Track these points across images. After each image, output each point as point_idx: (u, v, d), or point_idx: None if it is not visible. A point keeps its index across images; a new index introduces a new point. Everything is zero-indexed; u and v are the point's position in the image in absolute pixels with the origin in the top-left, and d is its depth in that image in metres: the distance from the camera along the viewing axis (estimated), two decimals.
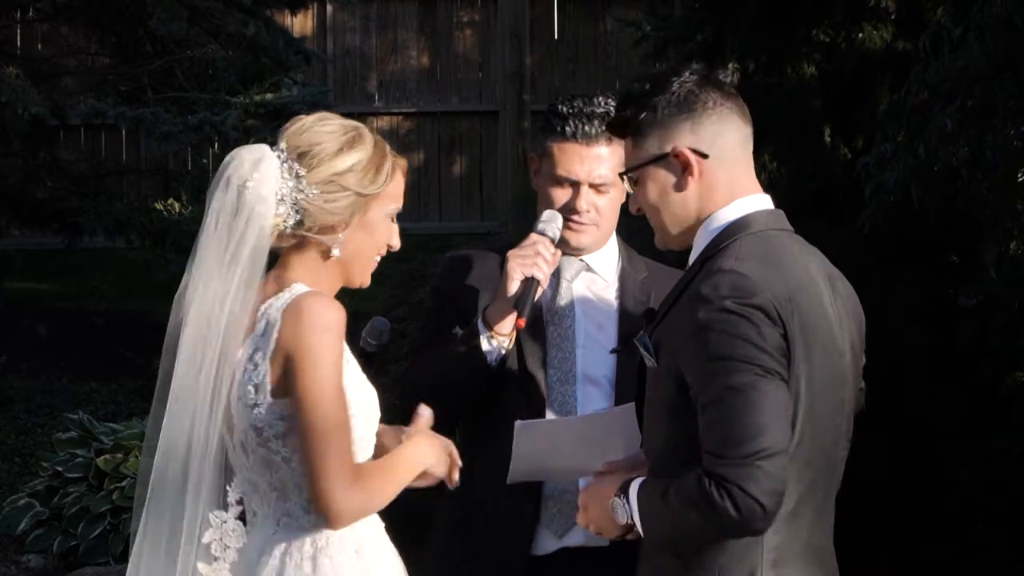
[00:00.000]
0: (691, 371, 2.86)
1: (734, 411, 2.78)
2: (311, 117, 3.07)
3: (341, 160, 3.01)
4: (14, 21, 10.68)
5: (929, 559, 5.89)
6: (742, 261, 2.90)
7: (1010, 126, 4.80)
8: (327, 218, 3.01)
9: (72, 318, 10.15)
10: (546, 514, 3.61)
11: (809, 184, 6.73)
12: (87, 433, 7.18)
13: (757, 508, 2.75)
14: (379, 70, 13.05)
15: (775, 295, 2.86)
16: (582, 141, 3.60)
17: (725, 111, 3.05)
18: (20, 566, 6.93)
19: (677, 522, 2.86)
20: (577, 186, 3.62)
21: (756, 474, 2.75)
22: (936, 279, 6.29)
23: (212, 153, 9.45)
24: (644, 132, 3.04)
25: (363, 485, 2.96)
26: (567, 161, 3.61)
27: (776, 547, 2.91)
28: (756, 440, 2.75)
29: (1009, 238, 5.26)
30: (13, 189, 9.87)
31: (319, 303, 2.96)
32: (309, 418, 2.92)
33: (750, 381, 2.79)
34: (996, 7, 4.66)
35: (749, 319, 2.82)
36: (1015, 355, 5.65)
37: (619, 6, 12.46)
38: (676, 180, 3.02)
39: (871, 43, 6.88)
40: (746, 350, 2.80)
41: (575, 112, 3.62)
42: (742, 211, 3.02)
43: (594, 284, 3.72)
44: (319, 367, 2.92)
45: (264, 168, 2.98)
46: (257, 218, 2.97)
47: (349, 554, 3.04)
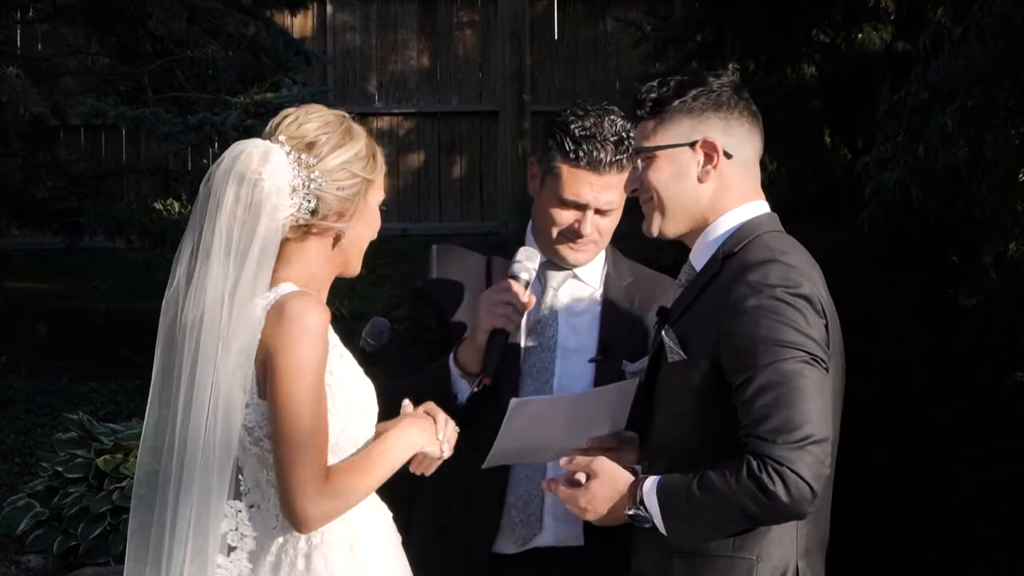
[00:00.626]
0: (735, 358, 2.91)
1: (784, 397, 2.84)
2: (299, 110, 3.10)
3: (347, 147, 3.06)
4: (14, 21, 10.68)
5: (929, 559, 5.89)
6: (784, 253, 2.99)
7: (1010, 126, 4.80)
8: (340, 204, 3.04)
9: (72, 318, 10.14)
10: (507, 523, 3.60)
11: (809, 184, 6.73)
12: (87, 433, 7.17)
13: (807, 491, 2.82)
14: (379, 70, 13.04)
15: (817, 287, 2.96)
16: (595, 169, 3.54)
17: (752, 124, 3.14)
18: (20, 566, 6.93)
19: (717, 513, 2.89)
20: (584, 209, 3.57)
21: (807, 458, 2.82)
22: (936, 279, 6.29)
23: (212, 153, 9.44)
24: (675, 116, 3.10)
25: (332, 490, 2.96)
26: (577, 186, 3.55)
27: (806, 536, 3.00)
28: (806, 426, 2.83)
29: (1009, 238, 5.27)
30: (13, 189, 9.87)
31: (302, 304, 2.96)
32: (280, 424, 2.93)
33: (798, 368, 2.87)
34: (996, 6, 4.65)
35: (798, 308, 2.90)
36: (1015, 355, 5.65)
37: (619, 6, 12.46)
38: (697, 170, 3.08)
39: (871, 43, 6.88)
40: (795, 337, 2.88)
41: (588, 136, 3.53)
42: (751, 213, 3.10)
43: (579, 291, 3.69)
44: (295, 371, 2.93)
45: (275, 160, 3.00)
46: (273, 210, 2.98)
47: (343, 551, 3.04)
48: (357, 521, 3.07)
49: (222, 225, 2.98)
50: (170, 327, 3.03)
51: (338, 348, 3.06)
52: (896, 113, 5.09)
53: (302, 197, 3.01)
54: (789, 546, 2.97)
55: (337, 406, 3.03)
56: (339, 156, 3.04)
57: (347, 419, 3.04)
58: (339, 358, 3.05)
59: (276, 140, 3.04)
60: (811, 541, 3.01)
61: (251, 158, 3.00)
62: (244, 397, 2.97)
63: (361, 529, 3.08)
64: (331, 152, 3.04)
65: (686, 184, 3.09)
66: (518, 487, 3.60)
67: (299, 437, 2.92)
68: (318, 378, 2.96)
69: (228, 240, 2.98)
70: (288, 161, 3.02)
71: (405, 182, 12.78)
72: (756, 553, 2.95)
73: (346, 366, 3.07)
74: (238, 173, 2.99)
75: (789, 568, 2.97)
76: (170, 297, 3.03)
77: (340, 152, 3.05)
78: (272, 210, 2.98)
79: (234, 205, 2.98)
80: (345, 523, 3.05)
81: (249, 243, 2.97)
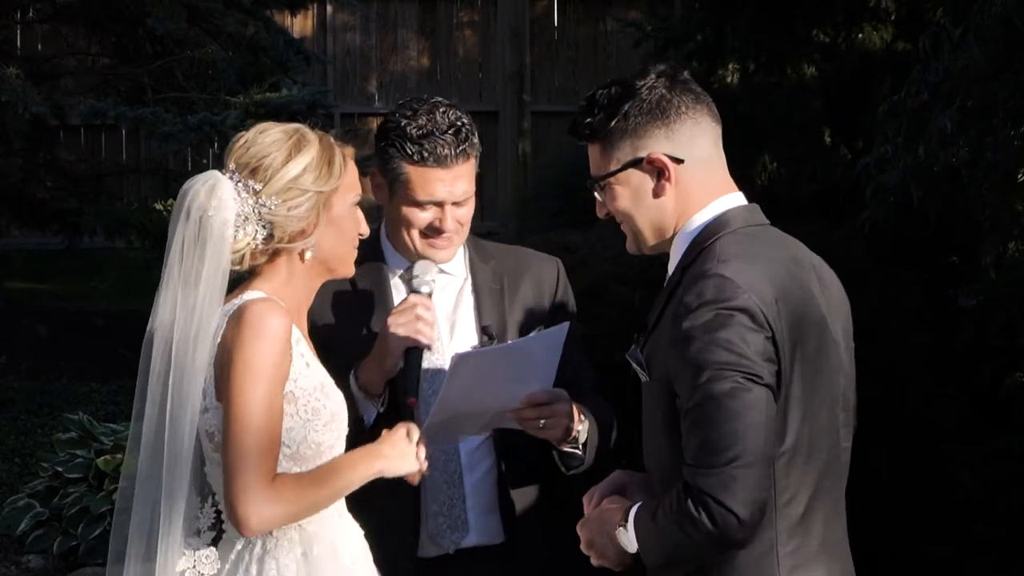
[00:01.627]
0: (678, 381, 2.84)
1: (711, 420, 2.75)
2: (251, 131, 3.09)
3: (293, 165, 3.02)
4: (14, 21, 10.67)
5: (929, 559, 5.89)
6: (725, 263, 2.87)
7: (1010, 127, 4.80)
8: (295, 224, 3.02)
9: (72, 318, 10.14)
10: (436, 530, 3.57)
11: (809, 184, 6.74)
12: (87, 433, 7.17)
13: (732, 519, 2.72)
14: (379, 70, 13.04)
15: (760, 296, 2.83)
16: (441, 165, 3.50)
17: (697, 115, 3.01)
18: (20, 566, 6.92)
19: (667, 541, 2.83)
20: (441, 206, 3.54)
21: (731, 484, 2.71)
22: (936, 279, 6.29)
23: (212, 153, 9.44)
24: (614, 140, 3.00)
25: (276, 496, 2.95)
26: (429, 185, 3.50)
27: (792, 552, 2.89)
28: (731, 449, 2.72)
29: (1009, 238, 5.26)
30: (13, 189, 9.86)
31: (263, 309, 2.97)
32: (230, 425, 2.94)
33: (730, 389, 2.75)
34: (996, 7, 4.66)
35: (731, 325, 2.78)
36: (1015, 355, 5.64)
37: (619, 6, 12.46)
38: (652, 186, 2.99)
39: (871, 43, 6.89)
40: (727, 356, 2.77)
41: (426, 134, 3.49)
42: (718, 210, 3.00)
43: (449, 285, 3.67)
44: (249, 374, 2.93)
45: (220, 193, 2.99)
46: (220, 242, 2.98)
47: (296, 556, 3.06)
48: (315, 529, 3.08)
49: (176, 259, 3.00)
50: (147, 345, 3.07)
51: (305, 357, 3.06)
52: (896, 114, 5.09)
53: (255, 224, 3.00)
54: (769, 568, 2.87)
55: (299, 414, 3.02)
56: (285, 175, 3.01)
57: (309, 427, 3.04)
58: (305, 367, 3.05)
59: (227, 168, 3.04)
60: (801, 557, 2.89)
61: (198, 194, 3.00)
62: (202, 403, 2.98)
63: (319, 537, 3.08)
64: (276, 174, 3.01)
65: (646, 202, 2.99)
66: (439, 494, 3.57)
67: (247, 439, 2.92)
68: (272, 382, 2.95)
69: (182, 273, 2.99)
70: (234, 191, 3.00)
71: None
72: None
73: (313, 376, 3.06)
74: (186, 210, 3.00)
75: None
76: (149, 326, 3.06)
77: (286, 170, 3.01)
78: (219, 242, 2.98)
79: (182, 242, 2.99)
80: (302, 530, 3.06)
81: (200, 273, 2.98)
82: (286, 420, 3.00)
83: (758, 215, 3.04)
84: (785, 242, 3.02)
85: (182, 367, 2.97)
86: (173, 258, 3.00)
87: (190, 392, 2.97)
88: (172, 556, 2.99)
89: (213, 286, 2.98)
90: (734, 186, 3.06)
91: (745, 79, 7.14)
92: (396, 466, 3.14)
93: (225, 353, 2.96)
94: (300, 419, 3.02)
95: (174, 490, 2.97)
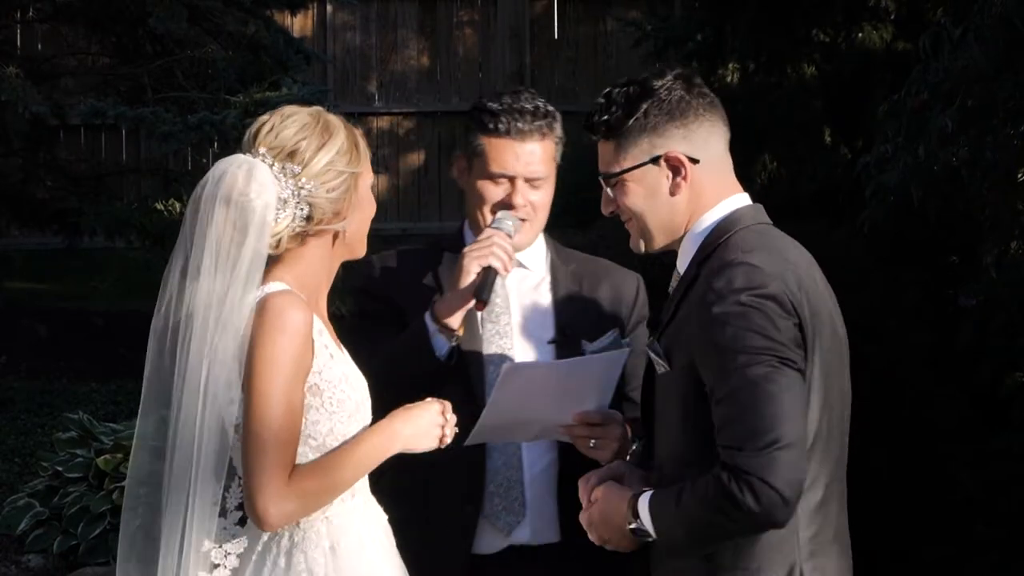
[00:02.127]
0: (707, 367, 2.87)
1: (751, 403, 2.79)
2: (273, 116, 3.07)
3: (329, 147, 3.03)
4: (14, 21, 10.67)
5: (929, 559, 5.89)
6: (750, 252, 2.92)
7: (1010, 126, 4.80)
8: (332, 205, 3.03)
9: (72, 318, 10.14)
10: (491, 511, 3.60)
11: (809, 184, 6.74)
12: (87, 433, 7.17)
13: (777, 498, 2.76)
14: (379, 70, 13.04)
15: (787, 285, 2.88)
16: (516, 137, 3.60)
17: (712, 118, 3.07)
18: (20, 566, 6.92)
19: (697, 524, 2.86)
20: (513, 181, 3.62)
21: (775, 465, 2.76)
22: (936, 279, 6.30)
23: (212, 153, 9.43)
24: (631, 137, 3.04)
25: (296, 491, 2.95)
26: (502, 157, 3.61)
27: (812, 538, 2.94)
28: (773, 431, 2.77)
29: (1009, 238, 5.26)
30: (13, 189, 9.86)
31: (284, 302, 2.97)
32: (249, 419, 2.94)
33: (766, 373, 2.80)
34: (995, 7, 4.66)
35: (763, 311, 2.84)
36: (1015, 355, 5.64)
37: (619, 6, 12.46)
38: (667, 184, 3.03)
39: (871, 43, 6.89)
40: (761, 342, 2.82)
41: (505, 109, 3.61)
42: (728, 210, 3.04)
43: (527, 279, 3.71)
44: (269, 367, 2.93)
45: (259, 177, 2.98)
46: (262, 227, 2.97)
47: (323, 550, 3.05)
48: (342, 521, 3.07)
49: (211, 246, 2.97)
50: (159, 341, 3.03)
51: (329, 349, 3.06)
52: (896, 114, 5.09)
53: (294, 207, 3.00)
54: (791, 552, 2.92)
55: (325, 406, 3.03)
56: (323, 157, 3.02)
57: (335, 420, 3.04)
58: (329, 359, 3.05)
59: (257, 152, 3.02)
60: (818, 543, 2.95)
61: (236, 179, 2.98)
62: (230, 394, 2.97)
63: (346, 529, 3.07)
64: (315, 155, 3.01)
65: (659, 200, 3.04)
66: (497, 475, 3.60)
67: (264, 433, 2.92)
68: (292, 377, 2.96)
69: (217, 259, 2.97)
70: (273, 174, 2.99)
71: (405, 182, 12.79)
72: (757, 564, 2.90)
73: (337, 367, 3.06)
74: (224, 196, 2.97)
75: (793, 573, 2.92)
76: (160, 316, 3.03)
77: (323, 153, 3.02)
78: (261, 227, 2.97)
79: (223, 227, 2.97)
80: (329, 523, 3.06)
81: (237, 259, 2.97)
82: (312, 413, 3.01)
83: (764, 215, 3.09)
84: (789, 239, 3.06)
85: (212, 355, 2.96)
86: (209, 244, 2.97)
87: (219, 380, 2.96)
88: (199, 537, 2.98)
89: (249, 272, 2.97)
90: (740, 187, 3.11)
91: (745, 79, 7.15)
92: (414, 444, 3.12)
93: (249, 347, 2.96)
94: (326, 411, 3.02)
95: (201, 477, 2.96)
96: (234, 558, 3.02)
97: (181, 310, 3.00)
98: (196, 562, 2.98)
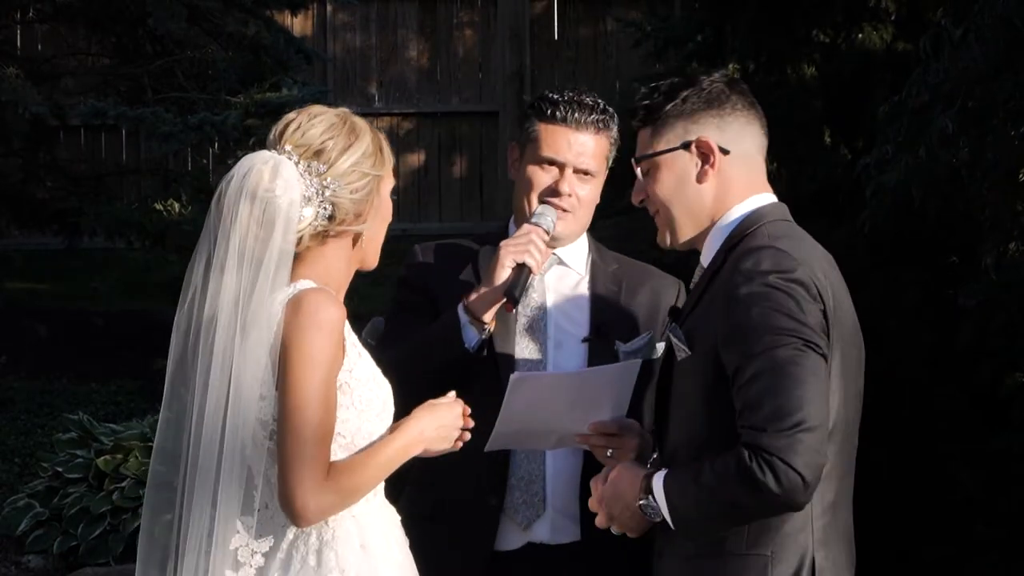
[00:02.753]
0: (731, 347, 2.89)
1: (775, 385, 2.80)
2: (300, 115, 3.09)
3: (355, 148, 3.05)
4: (14, 21, 10.66)
5: (929, 559, 5.89)
6: (778, 239, 2.96)
7: (1010, 127, 4.80)
8: (356, 206, 3.05)
9: (72, 318, 10.13)
10: (511, 504, 3.61)
11: (809, 184, 6.74)
12: (87, 434, 7.17)
13: (799, 481, 2.77)
14: (379, 70, 13.04)
15: (813, 272, 2.91)
16: (571, 125, 3.64)
17: (750, 116, 3.11)
18: (20, 567, 6.92)
19: (714, 504, 2.87)
20: (562, 168, 3.64)
21: (798, 447, 2.77)
22: (936, 279, 6.30)
23: (212, 153, 9.44)
24: (668, 121, 3.08)
25: (334, 487, 2.97)
26: (555, 143, 3.64)
27: (824, 527, 2.96)
28: (798, 413, 2.78)
29: (1009, 238, 5.26)
30: (13, 189, 9.85)
31: (319, 300, 2.98)
32: (288, 416, 2.94)
33: (791, 355, 2.82)
34: (996, 8, 4.66)
35: (791, 294, 2.86)
36: (1015, 355, 5.65)
37: (619, 6, 12.46)
38: (696, 171, 3.07)
39: (871, 44, 6.89)
40: (788, 323, 2.84)
41: (566, 100, 3.66)
42: (755, 205, 3.08)
43: (566, 277, 3.73)
44: (307, 364, 2.94)
45: (285, 174, 3.00)
46: (287, 223, 2.98)
47: (354, 548, 3.05)
48: (368, 520, 3.08)
49: (236, 242, 2.99)
50: (184, 336, 3.04)
51: (357, 347, 3.07)
52: (897, 115, 5.10)
53: (317, 206, 3.02)
54: (804, 539, 2.93)
55: (355, 404, 3.04)
56: (349, 158, 3.04)
57: (364, 418, 3.06)
58: (358, 356, 3.06)
59: (283, 150, 3.03)
60: (829, 533, 2.96)
61: (261, 175, 3.00)
62: (259, 390, 2.97)
63: (372, 528, 3.09)
64: (340, 156, 3.03)
65: (688, 188, 3.08)
66: (519, 468, 3.61)
67: (305, 430, 2.93)
68: (329, 374, 2.97)
69: (242, 255, 2.98)
70: (298, 172, 3.01)
71: (405, 182, 12.78)
72: (770, 549, 2.92)
73: (364, 365, 3.08)
74: (250, 191, 2.99)
75: (805, 562, 2.93)
76: (184, 311, 3.04)
77: (349, 154, 3.04)
78: (286, 223, 2.98)
79: (248, 223, 2.98)
80: (357, 521, 3.06)
81: (263, 255, 2.98)
82: (341, 411, 3.02)
83: (787, 213, 3.12)
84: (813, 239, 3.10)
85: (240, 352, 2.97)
86: (233, 240, 2.98)
87: (246, 376, 2.97)
88: (227, 535, 2.99)
89: (275, 268, 2.98)
90: (769, 187, 3.14)
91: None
92: (435, 445, 3.16)
93: (283, 344, 2.96)
94: (355, 409, 3.04)
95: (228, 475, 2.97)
96: (260, 557, 3.02)
97: (205, 306, 3.01)
98: (223, 561, 2.99)
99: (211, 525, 2.98)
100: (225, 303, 2.98)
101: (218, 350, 2.98)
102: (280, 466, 2.96)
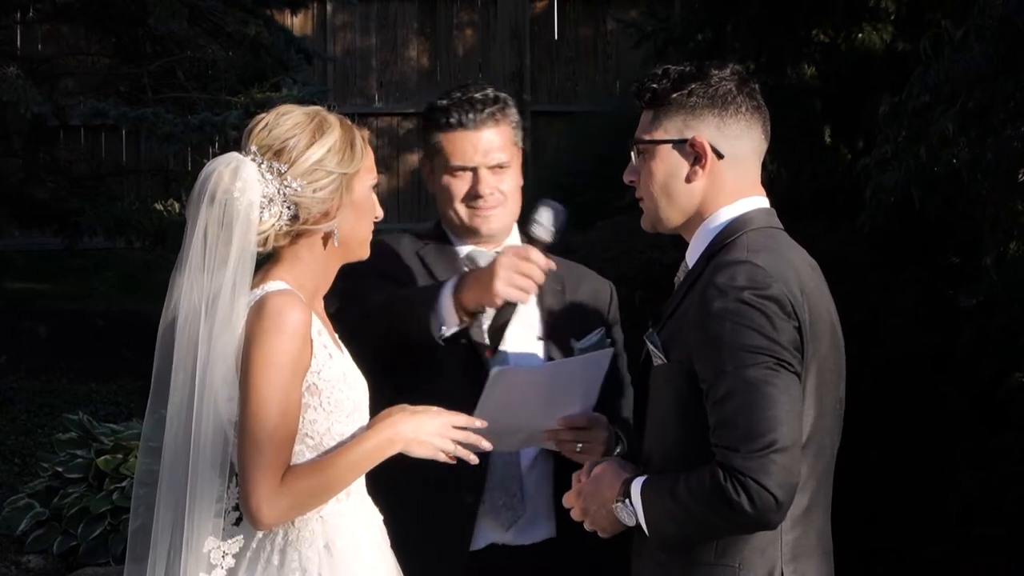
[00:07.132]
0: (703, 362, 2.88)
1: (747, 405, 2.79)
2: (271, 114, 3.08)
3: (317, 147, 3.03)
4: (14, 21, 10.66)
5: (929, 559, 5.89)
6: (756, 253, 2.93)
7: (1010, 127, 4.81)
8: (319, 206, 3.03)
9: (72, 318, 10.13)
10: (492, 506, 3.60)
11: (809, 184, 6.74)
12: (87, 434, 7.17)
13: (772, 501, 2.77)
14: (379, 70, 13.05)
15: (788, 288, 2.89)
16: (470, 127, 3.63)
17: (752, 120, 3.08)
18: (20, 566, 6.92)
19: (688, 519, 2.87)
20: (475, 172, 3.64)
21: (771, 467, 2.77)
22: (936, 279, 6.30)
23: (212, 153, 9.43)
24: (670, 110, 3.05)
25: (288, 491, 2.96)
26: (459, 150, 3.63)
27: (794, 541, 2.95)
28: (770, 434, 2.77)
29: (1009, 238, 5.27)
30: (13, 189, 9.86)
31: (282, 302, 2.97)
32: (245, 419, 2.95)
33: (764, 375, 2.81)
34: (996, 8, 4.66)
35: (764, 311, 2.84)
36: (1015, 355, 5.65)
37: (619, 6, 12.46)
38: (686, 171, 3.04)
39: (871, 43, 6.89)
40: (760, 340, 2.82)
41: (455, 102, 3.64)
42: (743, 209, 3.05)
43: None
44: (266, 368, 2.94)
45: (244, 175, 2.99)
46: (247, 225, 2.98)
47: (318, 548, 3.05)
48: (338, 521, 3.08)
49: (199, 244, 2.99)
50: (164, 334, 3.05)
51: (328, 348, 3.06)
52: (897, 115, 5.10)
53: (280, 206, 3.00)
54: (773, 553, 2.92)
55: (323, 405, 3.03)
56: (311, 156, 3.01)
57: (333, 419, 3.05)
58: (328, 358, 3.05)
59: (248, 151, 3.03)
60: (800, 547, 2.96)
61: (222, 177, 2.99)
62: (227, 391, 2.98)
63: (341, 529, 3.08)
64: (301, 155, 3.01)
65: (676, 185, 3.06)
66: (497, 470, 3.60)
67: (260, 434, 2.94)
68: (289, 377, 2.96)
69: (204, 257, 2.98)
70: (259, 172, 3.00)
71: (405, 182, 12.78)
72: (738, 560, 2.91)
73: (336, 366, 3.07)
74: (210, 194, 2.99)
75: (774, 575, 2.92)
76: (166, 312, 3.05)
77: (311, 152, 3.01)
78: (246, 224, 2.97)
79: (206, 226, 2.98)
80: (324, 522, 3.06)
81: (226, 257, 2.98)
82: (309, 412, 3.02)
83: (775, 219, 3.10)
84: (798, 246, 3.07)
85: (207, 353, 2.97)
86: (196, 242, 2.99)
87: (214, 377, 2.97)
88: (199, 537, 2.99)
89: (240, 269, 2.98)
90: (762, 191, 3.12)
91: None
92: (414, 448, 3.11)
93: (245, 345, 2.96)
94: (324, 411, 3.03)
95: (199, 475, 2.98)
96: (231, 558, 3.02)
97: (181, 307, 3.02)
98: (196, 563, 2.99)
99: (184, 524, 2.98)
100: (195, 304, 2.99)
101: (190, 351, 2.99)
102: (239, 469, 2.97)
